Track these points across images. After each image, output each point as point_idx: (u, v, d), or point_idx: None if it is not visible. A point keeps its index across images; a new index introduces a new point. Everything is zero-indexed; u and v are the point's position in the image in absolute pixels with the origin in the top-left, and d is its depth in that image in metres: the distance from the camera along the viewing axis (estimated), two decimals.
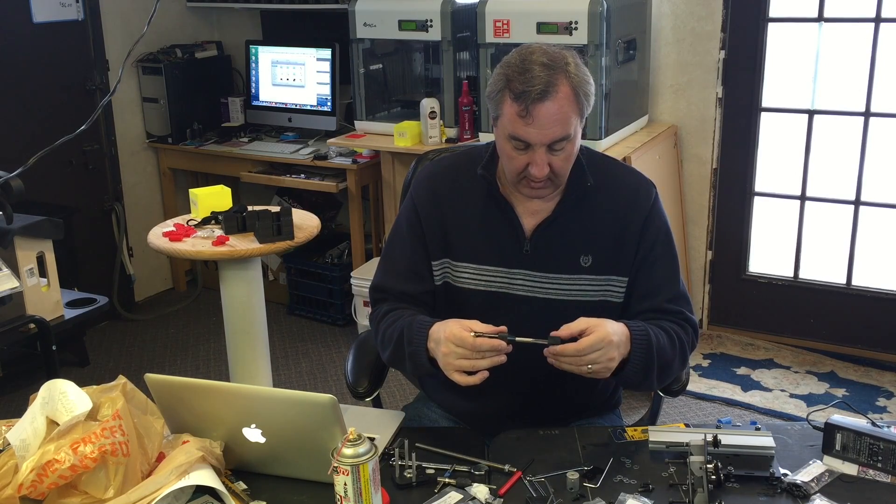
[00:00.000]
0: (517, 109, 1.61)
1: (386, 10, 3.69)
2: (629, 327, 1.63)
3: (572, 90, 1.62)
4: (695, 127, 3.83)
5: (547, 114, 1.60)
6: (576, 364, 1.56)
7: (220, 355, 3.84)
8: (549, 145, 1.64)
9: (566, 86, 1.61)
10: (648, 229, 1.77)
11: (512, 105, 1.62)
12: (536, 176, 1.66)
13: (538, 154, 1.64)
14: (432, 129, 3.63)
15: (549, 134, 1.62)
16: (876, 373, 3.63)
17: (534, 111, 1.60)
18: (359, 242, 4.07)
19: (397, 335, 1.72)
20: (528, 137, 1.63)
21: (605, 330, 1.56)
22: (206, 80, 4.53)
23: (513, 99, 1.62)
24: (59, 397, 1.49)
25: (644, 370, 1.65)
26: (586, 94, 1.65)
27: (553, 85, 1.60)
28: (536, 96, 1.59)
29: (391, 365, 1.84)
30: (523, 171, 1.67)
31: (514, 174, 1.70)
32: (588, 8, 3.20)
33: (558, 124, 1.62)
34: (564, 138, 1.64)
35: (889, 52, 3.52)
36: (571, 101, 1.62)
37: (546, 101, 1.60)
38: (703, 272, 3.99)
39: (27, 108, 3.91)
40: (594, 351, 1.55)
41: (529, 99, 1.59)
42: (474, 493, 1.47)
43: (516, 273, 1.77)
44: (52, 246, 2.39)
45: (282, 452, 1.52)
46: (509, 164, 1.69)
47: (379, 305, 1.85)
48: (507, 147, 1.67)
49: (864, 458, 1.52)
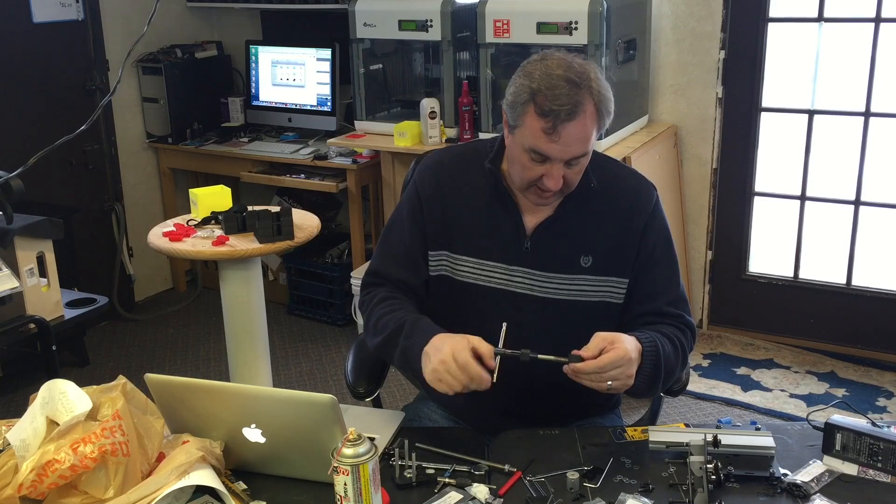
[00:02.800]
0: (543, 126, 1.61)
1: (386, 10, 3.69)
2: (640, 341, 1.63)
3: (595, 109, 1.64)
4: (695, 127, 3.83)
5: (573, 133, 1.62)
6: (596, 381, 1.57)
7: (220, 355, 3.84)
8: (567, 161, 1.65)
9: (591, 104, 1.63)
10: (649, 232, 1.78)
11: (538, 120, 1.62)
12: (552, 189, 1.67)
13: (555, 168, 1.65)
14: (432, 129, 3.63)
15: (570, 151, 1.64)
16: (876, 373, 3.63)
17: (561, 130, 1.61)
18: (359, 242, 4.06)
19: (394, 325, 1.71)
20: (550, 153, 1.64)
21: (625, 347, 1.57)
22: (206, 80, 4.53)
23: (539, 114, 1.62)
24: (59, 397, 1.48)
25: (652, 381, 1.66)
26: (608, 111, 1.67)
27: (580, 104, 1.61)
28: (565, 116, 1.60)
29: (376, 351, 1.81)
30: (536, 180, 1.68)
31: (525, 182, 1.71)
32: (588, 8, 3.20)
33: (581, 143, 1.64)
34: (584, 155, 1.67)
35: (889, 52, 3.52)
36: (594, 119, 1.64)
37: (573, 120, 1.61)
38: (703, 272, 3.99)
39: (27, 108, 3.91)
40: (615, 368, 1.56)
41: (558, 119, 1.60)
42: (474, 493, 1.47)
43: (516, 270, 1.77)
44: (52, 246, 2.39)
45: (282, 452, 1.52)
46: (523, 173, 1.70)
47: (373, 289, 1.84)
48: (524, 158, 1.67)
49: (864, 458, 1.52)
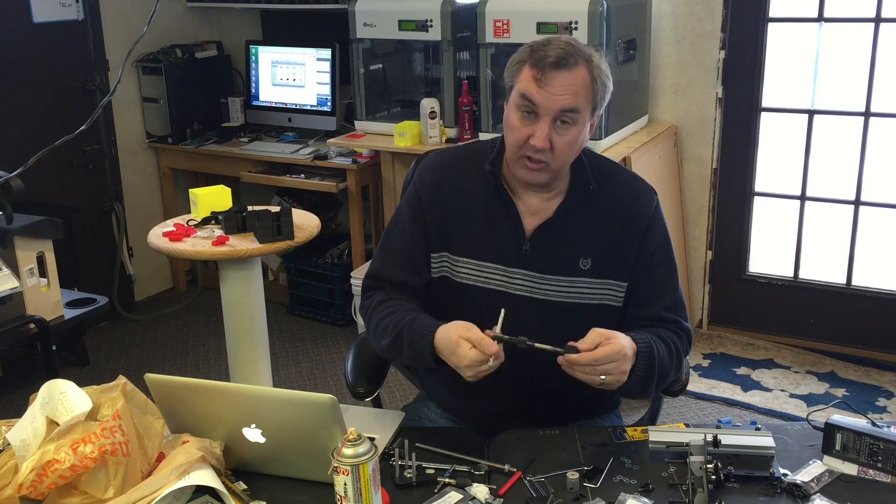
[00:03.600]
0: (534, 73, 1.65)
1: (386, 10, 3.69)
2: (636, 341, 1.63)
3: (590, 74, 1.67)
4: (695, 127, 3.83)
5: (560, 81, 1.64)
6: (589, 373, 1.57)
7: (220, 355, 3.84)
8: (555, 118, 1.65)
9: (584, 68, 1.66)
10: (649, 236, 1.78)
11: (529, 70, 1.66)
12: (536, 146, 1.66)
13: (542, 125, 1.66)
14: (432, 129, 3.63)
15: (558, 101, 1.65)
16: (876, 373, 3.63)
17: (549, 75, 1.64)
18: (359, 242, 4.06)
19: (394, 331, 1.71)
20: (538, 99, 1.65)
21: (620, 343, 1.57)
22: (206, 80, 4.53)
23: (531, 65, 1.66)
24: (59, 397, 1.48)
25: (644, 382, 1.66)
26: (604, 86, 1.69)
27: (572, 58, 1.65)
28: (552, 62, 1.64)
29: (384, 355, 1.83)
30: (524, 143, 1.68)
31: (515, 147, 1.71)
32: (588, 8, 3.20)
33: (569, 94, 1.65)
34: (572, 110, 1.66)
35: (889, 52, 3.52)
36: (587, 83, 1.66)
37: (562, 69, 1.64)
38: (703, 272, 3.99)
39: (27, 109, 3.91)
40: (609, 362, 1.56)
41: (546, 64, 1.64)
42: (474, 493, 1.47)
43: (515, 272, 1.77)
44: (52, 246, 2.39)
45: (282, 452, 1.52)
46: (512, 135, 1.70)
47: (373, 293, 1.85)
48: (514, 117, 1.69)
49: (864, 458, 1.52)
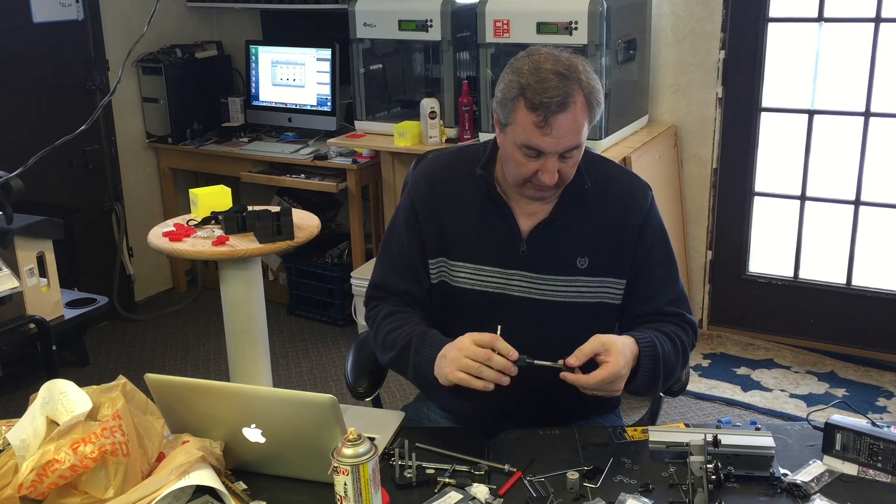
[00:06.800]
0: (535, 120, 1.61)
1: (386, 10, 3.69)
2: (638, 342, 1.64)
3: (585, 99, 1.64)
4: (695, 127, 3.83)
5: (564, 125, 1.62)
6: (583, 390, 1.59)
7: (220, 355, 3.84)
8: (561, 154, 1.65)
9: (580, 95, 1.63)
10: (646, 232, 1.78)
11: (528, 115, 1.62)
12: (547, 184, 1.67)
13: (549, 162, 1.65)
14: (432, 129, 3.63)
15: (563, 143, 1.64)
16: (876, 373, 3.63)
17: (552, 122, 1.61)
18: (359, 242, 4.06)
19: (403, 343, 1.72)
20: (544, 147, 1.64)
21: (618, 364, 1.57)
22: (206, 80, 4.53)
23: (529, 108, 1.62)
24: (59, 397, 1.48)
25: (650, 381, 1.66)
26: (597, 102, 1.67)
27: (570, 96, 1.61)
28: (556, 108, 1.60)
29: (389, 367, 1.85)
30: (531, 176, 1.68)
31: (520, 179, 1.71)
32: (588, 8, 3.20)
33: (573, 134, 1.64)
34: (577, 147, 1.66)
35: (889, 52, 3.52)
36: (585, 110, 1.64)
37: (564, 112, 1.61)
38: (703, 272, 3.99)
39: (27, 109, 3.91)
40: (604, 385, 1.57)
41: (549, 111, 1.60)
42: (474, 493, 1.47)
43: (513, 274, 1.77)
44: (52, 246, 2.39)
45: (282, 452, 1.52)
46: (517, 169, 1.70)
47: (377, 303, 1.85)
48: (517, 154, 1.68)
49: (864, 458, 1.52)
